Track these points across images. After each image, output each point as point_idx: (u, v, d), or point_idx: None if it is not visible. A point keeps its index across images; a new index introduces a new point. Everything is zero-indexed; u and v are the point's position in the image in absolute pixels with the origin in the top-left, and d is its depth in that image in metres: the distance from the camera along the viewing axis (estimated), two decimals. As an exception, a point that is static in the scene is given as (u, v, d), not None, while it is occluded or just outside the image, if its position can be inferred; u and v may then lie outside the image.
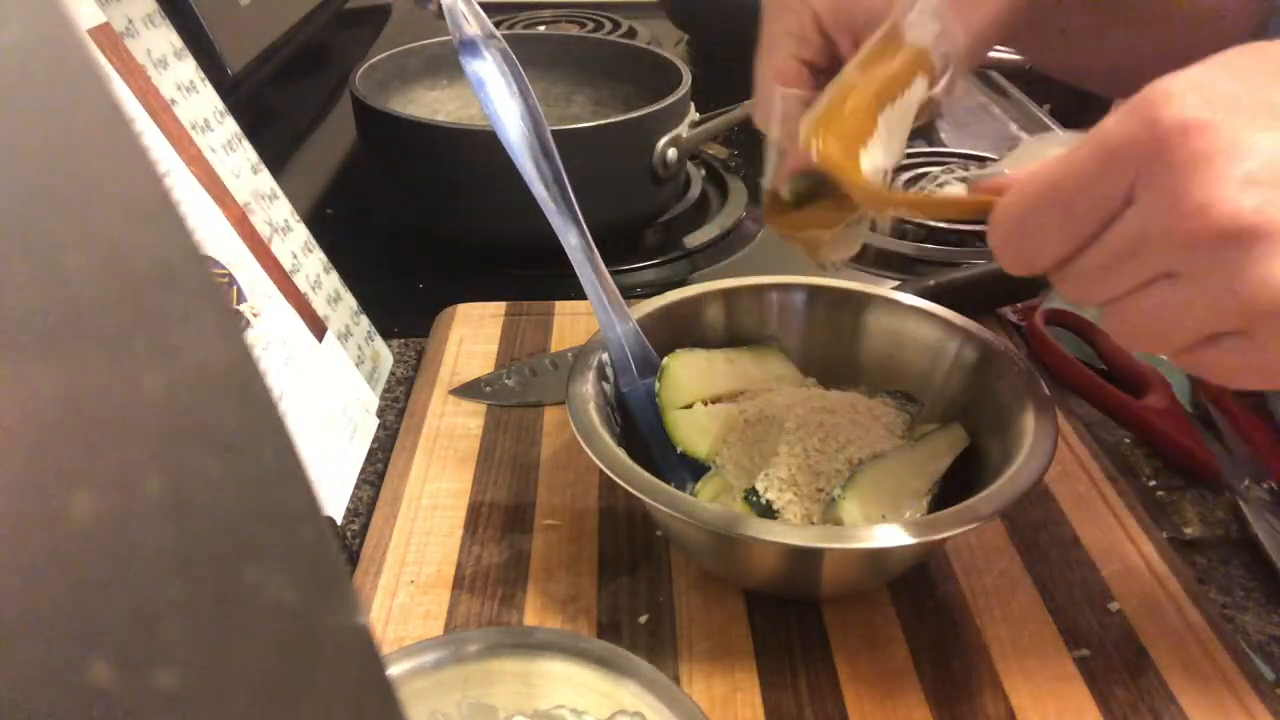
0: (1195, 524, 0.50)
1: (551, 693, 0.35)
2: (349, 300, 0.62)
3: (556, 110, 0.84)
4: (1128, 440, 0.55)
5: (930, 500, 0.43)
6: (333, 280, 0.61)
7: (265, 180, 0.58)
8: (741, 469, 0.45)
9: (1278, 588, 0.47)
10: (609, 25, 1.22)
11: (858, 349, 0.51)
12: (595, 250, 0.47)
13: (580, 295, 0.47)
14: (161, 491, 0.12)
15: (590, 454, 0.41)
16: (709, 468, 0.46)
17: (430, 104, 0.83)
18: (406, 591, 0.45)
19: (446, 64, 0.82)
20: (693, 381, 0.48)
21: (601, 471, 0.41)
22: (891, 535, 0.39)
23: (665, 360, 0.48)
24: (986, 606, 0.44)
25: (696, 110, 0.76)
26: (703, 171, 0.87)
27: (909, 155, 0.91)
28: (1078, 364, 0.59)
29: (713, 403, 0.48)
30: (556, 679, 0.35)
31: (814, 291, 0.52)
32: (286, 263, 0.55)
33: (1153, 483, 0.52)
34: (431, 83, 0.83)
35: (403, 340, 0.66)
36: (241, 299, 0.49)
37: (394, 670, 0.34)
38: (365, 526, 0.49)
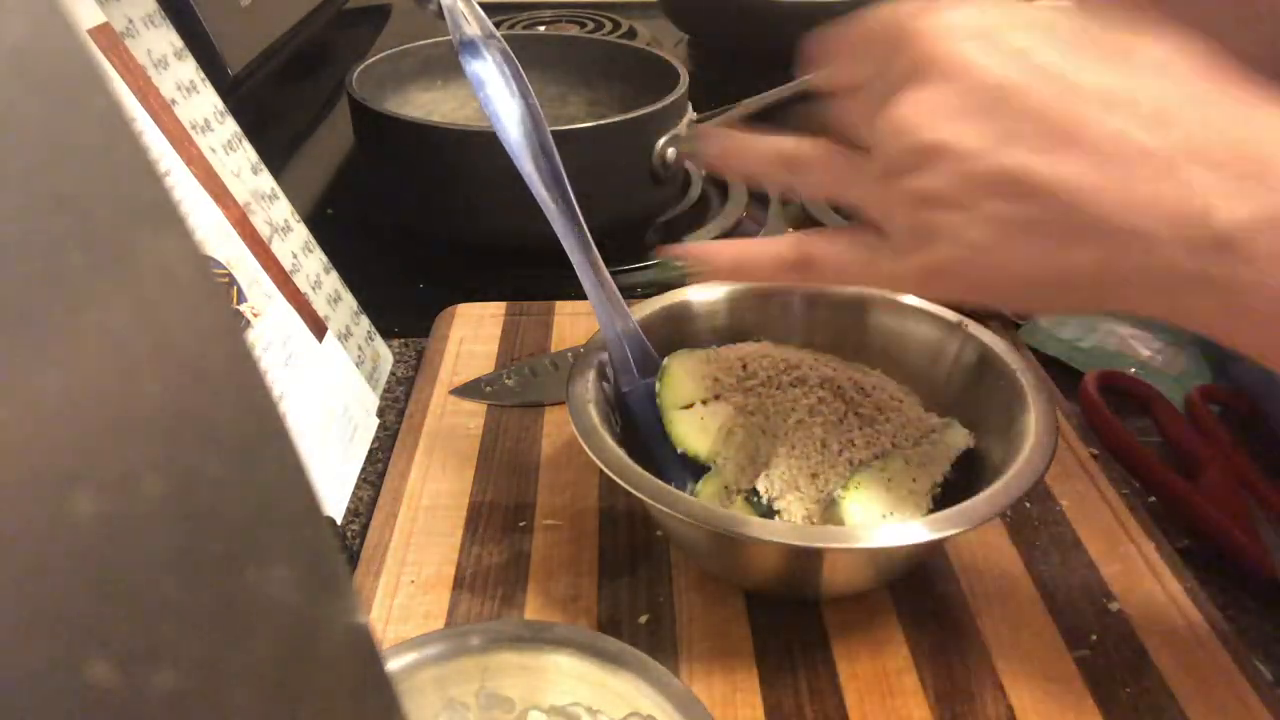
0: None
1: (567, 689, 0.35)
2: (349, 300, 0.62)
3: (551, 111, 0.84)
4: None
5: (930, 500, 0.43)
6: (333, 280, 0.61)
7: (265, 180, 0.58)
8: (742, 469, 0.45)
9: (1278, 589, 0.47)
10: (609, 25, 1.22)
11: (858, 349, 0.51)
12: (595, 250, 0.47)
13: (580, 295, 0.47)
14: (161, 491, 0.12)
15: (590, 454, 0.41)
16: (709, 468, 0.46)
17: (426, 105, 0.83)
18: (406, 591, 0.45)
19: (441, 65, 0.82)
20: (693, 381, 0.48)
21: (601, 471, 0.41)
22: (891, 535, 0.39)
23: (665, 360, 0.48)
24: (986, 606, 0.44)
25: (694, 110, 0.76)
26: (703, 171, 0.87)
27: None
28: (1131, 438, 0.55)
29: (713, 402, 0.48)
30: (572, 676, 0.35)
31: (815, 291, 0.52)
32: (286, 263, 0.55)
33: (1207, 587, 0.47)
34: (427, 84, 0.83)
35: (403, 340, 0.66)
36: (241, 299, 0.49)
37: (412, 655, 0.34)
38: (365, 526, 0.49)
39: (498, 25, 0.63)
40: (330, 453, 0.51)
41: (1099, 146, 0.30)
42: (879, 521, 0.41)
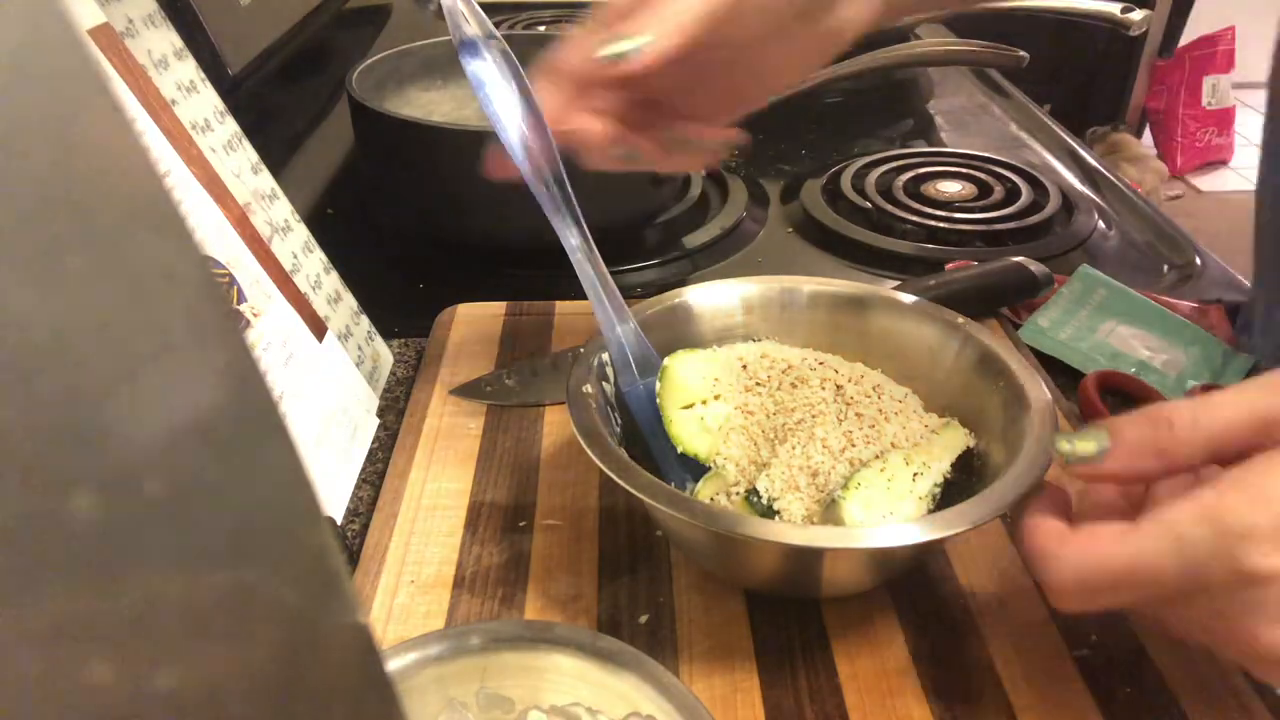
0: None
1: (567, 689, 0.35)
2: (349, 300, 0.62)
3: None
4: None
5: (931, 500, 0.43)
6: (333, 280, 0.61)
7: (265, 180, 0.58)
8: (741, 469, 0.45)
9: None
10: (609, 25, 1.22)
11: (859, 349, 0.51)
12: (595, 250, 0.47)
13: (580, 295, 0.47)
14: (161, 491, 0.12)
15: (590, 454, 0.41)
16: (709, 468, 0.46)
17: (425, 105, 0.83)
18: (406, 591, 0.45)
19: (441, 65, 0.82)
20: (693, 381, 0.48)
21: (601, 471, 0.41)
22: (891, 535, 0.39)
23: (665, 360, 0.48)
24: (986, 606, 0.44)
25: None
26: (703, 171, 0.87)
27: (909, 155, 0.91)
28: None
29: (713, 402, 0.48)
30: (572, 676, 0.35)
31: (815, 291, 0.52)
32: (286, 263, 0.55)
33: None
34: (426, 84, 0.83)
35: (403, 340, 0.66)
36: (241, 299, 0.49)
37: (412, 655, 0.35)
38: (365, 526, 0.49)
39: (498, 25, 0.63)
40: (330, 453, 0.51)
41: None
42: (879, 521, 0.41)
